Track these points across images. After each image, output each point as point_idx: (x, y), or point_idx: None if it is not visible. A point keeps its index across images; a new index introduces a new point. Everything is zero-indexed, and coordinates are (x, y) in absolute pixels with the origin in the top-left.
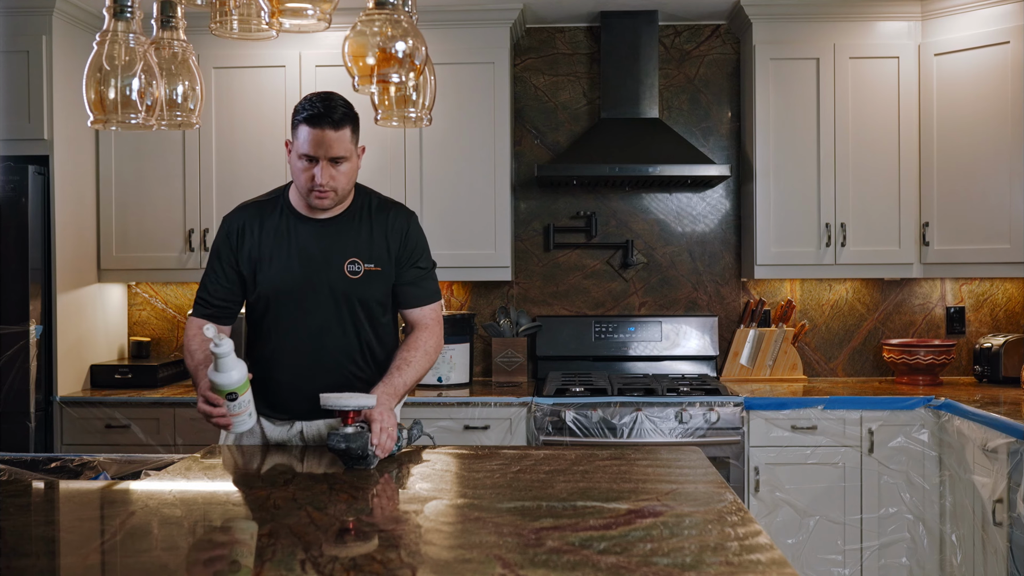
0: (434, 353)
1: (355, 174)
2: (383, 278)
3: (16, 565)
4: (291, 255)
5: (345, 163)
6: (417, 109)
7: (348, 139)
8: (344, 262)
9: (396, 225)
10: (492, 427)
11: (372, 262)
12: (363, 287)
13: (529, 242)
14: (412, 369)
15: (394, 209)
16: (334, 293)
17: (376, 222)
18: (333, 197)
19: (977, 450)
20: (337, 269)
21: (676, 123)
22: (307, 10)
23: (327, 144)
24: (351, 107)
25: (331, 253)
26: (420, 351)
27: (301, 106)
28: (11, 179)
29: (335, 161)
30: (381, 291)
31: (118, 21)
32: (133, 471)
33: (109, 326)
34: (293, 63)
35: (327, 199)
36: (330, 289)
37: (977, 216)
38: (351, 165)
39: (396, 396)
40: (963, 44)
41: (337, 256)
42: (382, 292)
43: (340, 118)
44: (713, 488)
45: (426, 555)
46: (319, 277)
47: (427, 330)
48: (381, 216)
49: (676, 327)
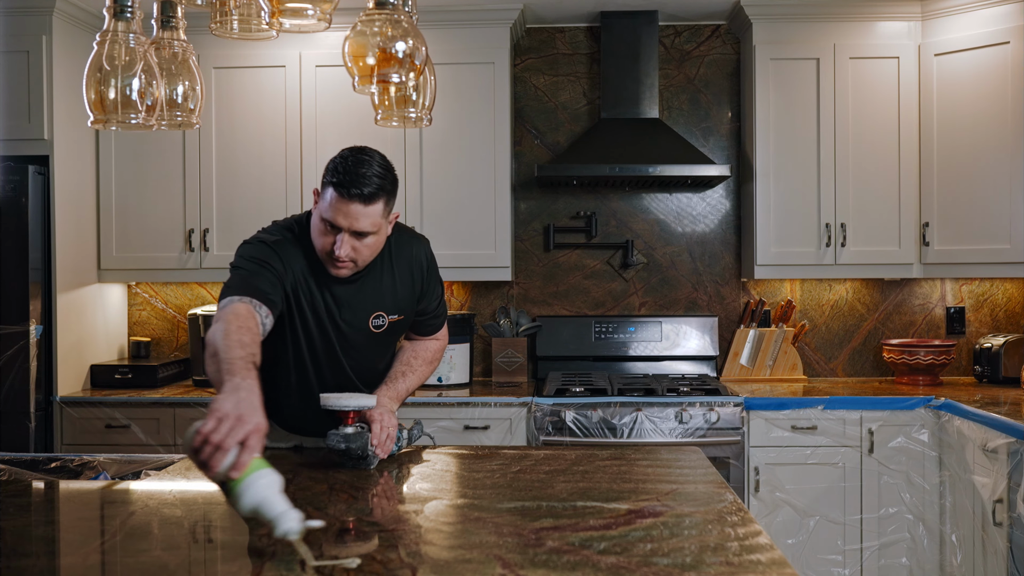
0: (437, 362)
1: (381, 246)
2: (405, 324)
3: (16, 565)
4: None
5: (371, 237)
6: (417, 109)
7: (379, 214)
8: (369, 318)
9: (416, 261)
10: (492, 427)
11: (396, 312)
12: (385, 337)
13: (529, 242)
14: (415, 375)
15: (412, 244)
16: (356, 347)
17: (398, 266)
18: (351, 268)
19: (977, 450)
20: (362, 325)
21: (676, 123)
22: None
23: (353, 217)
24: (389, 173)
25: (356, 310)
26: (424, 359)
27: (334, 165)
28: (11, 179)
29: (359, 235)
30: (400, 334)
31: (118, 21)
32: (133, 471)
33: (109, 326)
34: (293, 63)
35: (344, 270)
36: (352, 344)
37: (977, 216)
38: (378, 238)
39: (398, 399)
40: (963, 44)
41: (362, 313)
42: (400, 334)
43: (373, 192)
44: (713, 488)
45: (426, 555)
46: (342, 334)
47: (433, 339)
48: (402, 258)
49: (676, 327)
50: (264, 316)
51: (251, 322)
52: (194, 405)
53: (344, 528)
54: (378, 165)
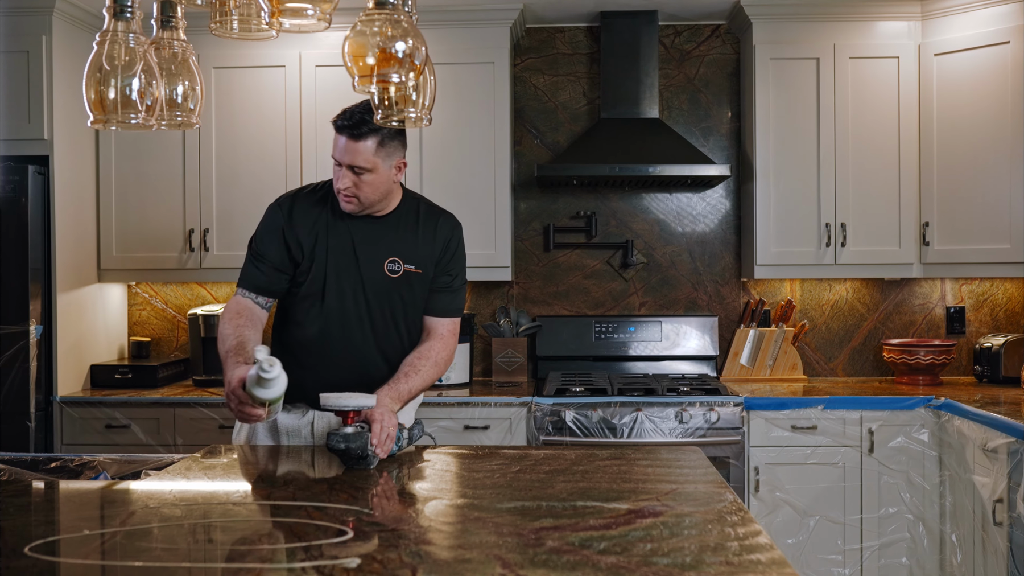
0: (444, 366)
1: (383, 186)
2: (421, 281)
3: (16, 565)
4: (336, 247)
5: (368, 175)
6: (417, 109)
7: (370, 152)
8: (385, 260)
9: (442, 232)
10: (492, 427)
11: (412, 263)
12: (400, 287)
13: (529, 242)
14: (419, 377)
15: (443, 216)
16: (370, 289)
17: (423, 226)
18: (356, 204)
19: (977, 450)
20: (377, 266)
21: (676, 123)
22: (307, 10)
23: (347, 152)
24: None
25: (373, 250)
26: (430, 361)
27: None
28: (11, 179)
29: (356, 171)
30: (418, 293)
31: (118, 21)
32: (133, 471)
33: (109, 326)
34: (293, 63)
35: (351, 204)
36: (367, 285)
37: (977, 216)
38: (376, 177)
39: (399, 400)
40: (963, 44)
41: (379, 254)
42: (418, 295)
43: (364, 131)
44: (713, 488)
45: (426, 555)
46: (358, 272)
47: (441, 340)
48: (429, 221)
49: (676, 327)
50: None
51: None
52: (194, 405)
53: (344, 528)
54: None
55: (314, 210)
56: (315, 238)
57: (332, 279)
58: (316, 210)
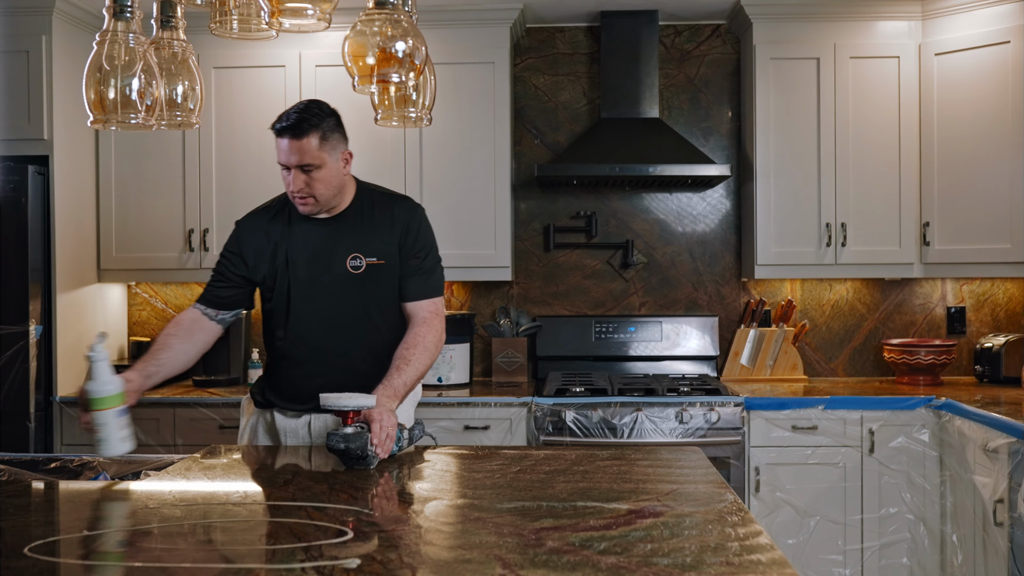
0: (434, 349)
1: (335, 180)
2: (387, 271)
3: (16, 565)
4: (295, 254)
5: (317, 170)
6: (417, 109)
7: (314, 147)
8: (346, 258)
9: (400, 217)
10: (492, 427)
11: (374, 256)
12: (367, 281)
13: (529, 242)
14: (412, 368)
15: (399, 202)
16: (338, 289)
17: (378, 216)
18: (313, 203)
19: (978, 450)
20: (340, 265)
21: (676, 123)
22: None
23: (292, 153)
24: (322, 115)
25: (333, 250)
26: (419, 348)
27: (278, 117)
28: (11, 179)
29: (305, 169)
30: (386, 284)
31: (118, 21)
32: (133, 471)
33: (109, 326)
34: (293, 63)
35: (308, 205)
36: (334, 285)
37: (977, 216)
38: (326, 172)
39: (396, 397)
40: (963, 44)
41: (339, 253)
42: (387, 285)
43: (305, 128)
44: (713, 488)
45: (426, 555)
46: (322, 274)
47: (425, 324)
48: (384, 210)
49: (676, 327)
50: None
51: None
52: (194, 405)
53: (344, 528)
54: (307, 104)
55: (270, 225)
56: (273, 251)
57: (298, 286)
58: (272, 224)
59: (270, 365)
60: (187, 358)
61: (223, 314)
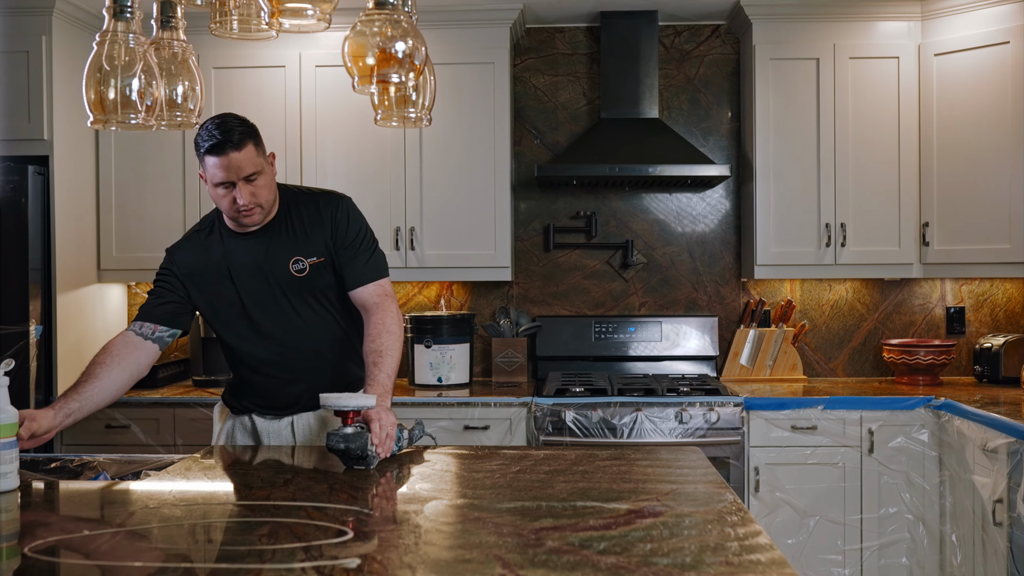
0: (398, 331)
1: (273, 183)
2: (329, 267)
3: (16, 565)
4: (238, 271)
5: (259, 176)
6: (417, 109)
7: (254, 155)
8: (288, 263)
9: (325, 211)
10: (492, 427)
11: (313, 255)
12: (314, 280)
13: (529, 242)
14: (388, 358)
15: (321, 197)
16: (288, 294)
17: (307, 216)
18: (260, 212)
19: (977, 450)
20: (283, 272)
21: (676, 123)
22: (307, 10)
23: (236, 167)
24: (247, 122)
25: (273, 260)
26: (384, 335)
27: (199, 137)
28: (11, 179)
29: (249, 179)
30: (330, 279)
31: (118, 21)
32: (133, 471)
33: (109, 326)
34: (293, 63)
35: (255, 215)
36: (283, 292)
37: (977, 216)
38: (266, 177)
39: (387, 392)
40: (963, 44)
41: (280, 260)
42: (332, 280)
43: (239, 138)
44: (713, 488)
45: (426, 555)
46: (269, 285)
47: (379, 309)
48: (311, 208)
49: (676, 327)
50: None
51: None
52: (194, 405)
53: (344, 528)
54: (232, 118)
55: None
56: (215, 270)
57: (250, 300)
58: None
59: (240, 377)
60: (117, 388)
61: (160, 330)
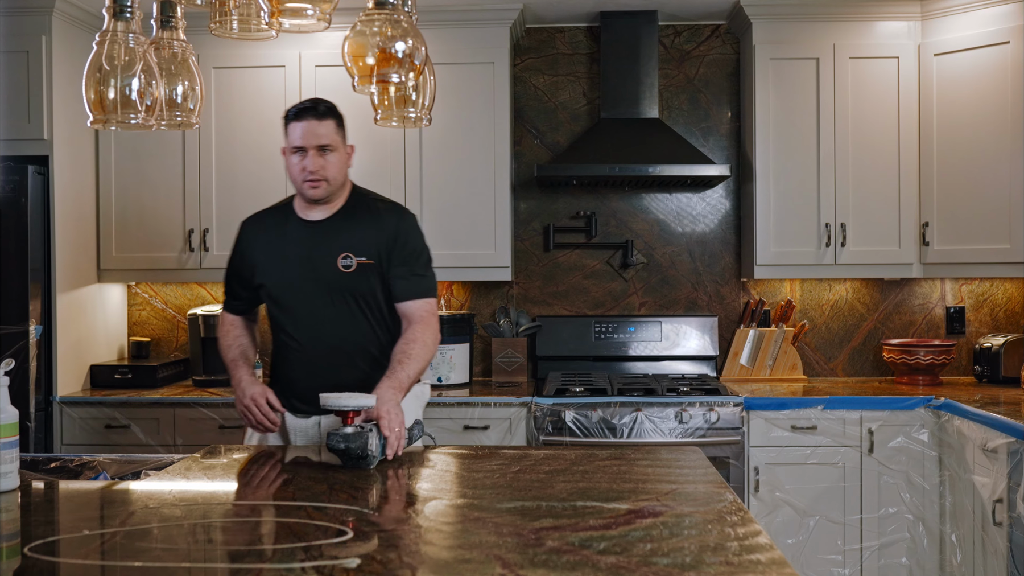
0: (432, 346)
1: (344, 166)
2: (377, 271)
3: (16, 565)
4: (288, 255)
5: (332, 153)
6: (417, 109)
7: (333, 130)
8: (337, 257)
9: (388, 222)
10: (492, 427)
11: (364, 255)
12: (358, 280)
13: (529, 242)
14: (413, 362)
15: (389, 207)
16: (330, 288)
17: (368, 219)
18: (325, 187)
19: (977, 450)
20: (330, 264)
21: (676, 123)
22: (307, 10)
23: (313, 133)
24: (336, 108)
25: (324, 250)
26: (418, 344)
27: (289, 108)
28: (11, 179)
29: (322, 150)
30: (376, 284)
31: (118, 21)
32: (133, 471)
33: (109, 326)
34: (293, 63)
35: (320, 188)
36: (326, 284)
37: (977, 216)
38: (339, 156)
39: (401, 389)
40: (963, 44)
41: (330, 252)
42: (377, 286)
43: (323, 111)
44: (713, 488)
45: (426, 555)
46: (314, 273)
47: (422, 323)
48: (374, 213)
49: (676, 327)
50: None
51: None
52: (194, 405)
53: (344, 528)
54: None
55: (269, 223)
56: (271, 251)
57: (292, 283)
58: (271, 222)
59: (274, 366)
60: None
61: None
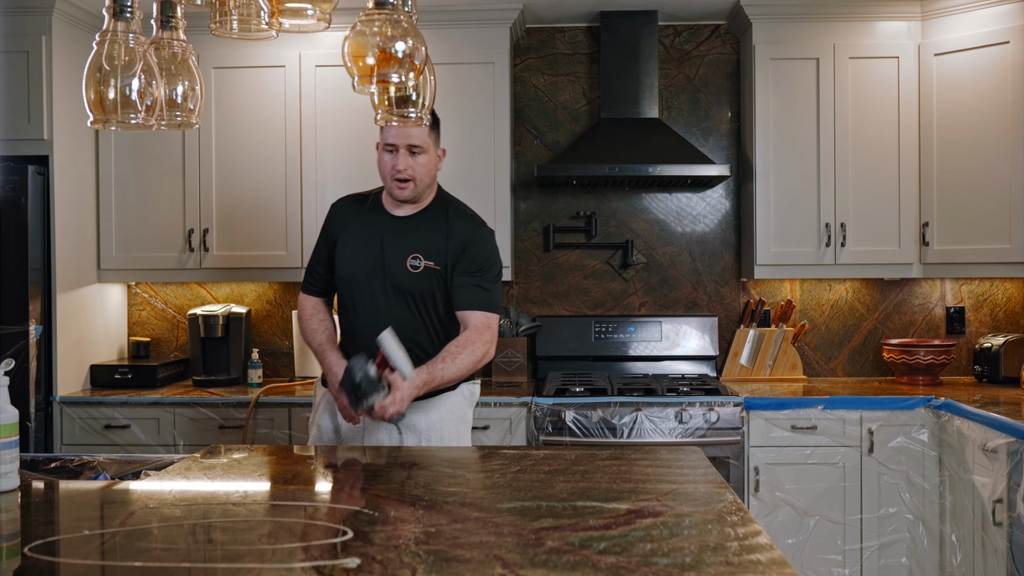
0: (481, 356)
1: (433, 170)
2: (442, 277)
3: (16, 565)
4: (364, 245)
5: (423, 155)
6: (417, 109)
7: (426, 133)
8: (407, 256)
9: (461, 232)
10: (492, 427)
11: (432, 260)
12: (422, 282)
13: (529, 242)
14: (454, 363)
15: (465, 217)
16: (394, 284)
17: (445, 225)
18: (412, 188)
19: (977, 450)
20: (400, 262)
21: (676, 123)
22: (307, 10)
23: (406, 133)
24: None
25: (397, 246)
26: (468, 350)
27: None
28: (11, 179)
29: (413, 150)
30: (439, 289)
31: (118, 21)
32: (133, 471)
33: (109, 326)
34: (293, 63)
35: (407, 189)
36: (392, 280)
37: (977, 216)
38: (428, 158)
39: (425, 384)
40: (963, 44)
41: (402, 250)
42: (439, 291)
43: None
44: (713, 488)
45: (426, 555)
46: (383, 267)
47: (476, 331)
48: (451, 221)
49: (676, 327)
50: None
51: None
52: (194, 405)
53: (344, 528)
54: None
55: (356, 208)
56: (351, 236)
57: (361, 274)
58: (359, 212)
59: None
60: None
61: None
